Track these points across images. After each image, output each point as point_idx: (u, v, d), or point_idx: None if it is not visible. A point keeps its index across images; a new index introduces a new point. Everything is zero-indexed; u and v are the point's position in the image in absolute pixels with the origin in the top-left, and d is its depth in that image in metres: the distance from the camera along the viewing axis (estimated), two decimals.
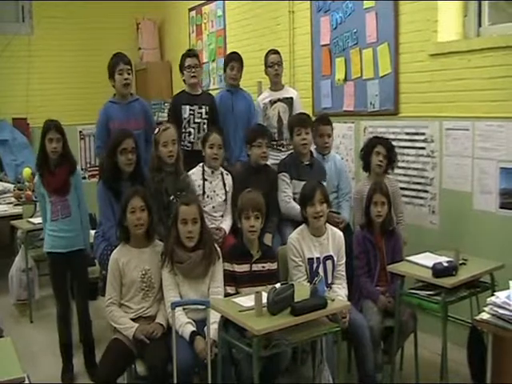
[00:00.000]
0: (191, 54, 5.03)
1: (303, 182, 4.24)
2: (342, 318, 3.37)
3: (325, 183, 4.29)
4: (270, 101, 5.14)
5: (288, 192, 4.38)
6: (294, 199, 4.35)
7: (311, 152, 4.51)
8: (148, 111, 4.80)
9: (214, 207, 4.27)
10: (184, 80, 4.97)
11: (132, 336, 3.33)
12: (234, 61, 5.08)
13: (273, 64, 5.10)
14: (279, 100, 5.13)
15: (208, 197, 4.26)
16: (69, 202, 4.16)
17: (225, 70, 5.16)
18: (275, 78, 5.16)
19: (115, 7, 8.75)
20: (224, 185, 4.34)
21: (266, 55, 5.18)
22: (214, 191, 4.30)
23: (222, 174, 4.38)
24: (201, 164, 4.35)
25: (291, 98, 5.16)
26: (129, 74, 4.63)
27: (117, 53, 4.72)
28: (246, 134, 4.60)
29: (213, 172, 4.33)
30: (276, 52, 5.17)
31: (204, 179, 4.29)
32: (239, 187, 4.21)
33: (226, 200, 4.33)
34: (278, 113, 5.09)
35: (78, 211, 4.22)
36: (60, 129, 4.11)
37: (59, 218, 4.14)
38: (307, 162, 4.44)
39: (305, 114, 4.79)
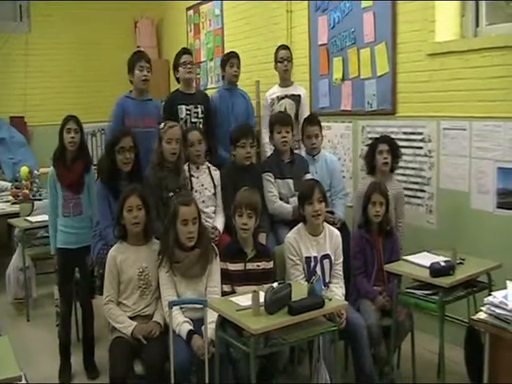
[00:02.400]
0: (186, 51, 5.07)
1: (287, 180, 4.35)
2: (339, 318, 3.38)
3: (308, 175, 4.35)
4: (278, 96, 5.17)
5: (274, 192, 4.39)
6: (281, 198, 4.38)
7: (291, 149, 4.54)
8: (160, 113, 4.79)
9: (203, 201, 4.25)
10: (177, 78, 4.97)
11: (130, 334, 3.34)
12: (233, 58, 5.11)
13: (282, 59, 5.14)
14: (287, 96, 5.15)
15: (196, 191, 4.27)
16: (81, 200, 4.17)
17: (223, 69, 5.15)
18: (284, 74, 5.20)
19: (113, 6, 8.74)
20: (212, 179, 4.36)
21: (276, 51, 5.24)
22: (202, 185, 4.31)
23: (208, 168, 4.40)
24: (186, 163, 4.35)
25: (299, 96, 5.18)
26: (148, 71, 4.64)
27: (138, 50, 4.75)
28: (231, 134, 4.56)
29: (198, 167, 4.35)
30: (286, 47, 5.23)
31: (191, 176, 4.31)
32: (226, 187, 4.27)
33: (215, 194, 4.34)
34: (285, 109, 5.10)
35: (89, 210, 4.22)
36: (78, 122, 4.13)
37: (71, 215, 4.15)
38: (288, 160, 4.47)
39: (284, 112, 4.83)
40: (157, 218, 3.84)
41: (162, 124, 4.18)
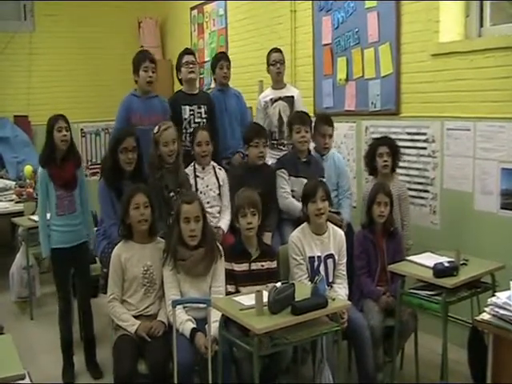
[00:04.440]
0: (189, 51, 5.05)
1: (301, 179, 4.32)
2: (341, 318, 3.37)
3: (324, 180, 4.30)
4: (271, 99, 5.14)
5: (286, 188, 4.40)
6: (293, 196, 4.38)
7: (309, 150, 4.53)
8: (167, 109, 4.77)
9: (208, 202, 4.26)
10: (180, 79, 4.97)
11: (134, 332, 3.35)
12: (222, 60, 5.10)
13: (275, 62, 5.11)
14: (280, 99, 5.13)
15: (201, 193, 4.27)
16: (75, 197, 4.17)
17: (214, 71, 5.15)
18: (277, 77, 5.17)
19: (117, 5, 8.76)
20: (217, 179, 4.36)
21: (269, 53, 5.19)
22: (207, 186, 4.33)
23: (213, 168, 4.40)
24: (192, 163, 4.37)
25: (292, 97, 5.15)
26: (153, 72, 4.63)
27: (142, 50, 4.72)
28: (244, 133, 4.61)
29: (204, 168, 4.36)
30: (278, 50, 5.18)
31: (196, 176, 4.32)
32: (238, 187, 4.23)
33: (220, 194, 4.34)
34: (279, 111, 5.09)
35: (82, 206, 4.23)
36: (67, 120, 4.13)
37: (66, 213, 4.14)
38: (304, 159, 4.47)
39: (305, 112, 4.80)
40: (159, 218, 3.84)
41: (156, 128, 4.16)
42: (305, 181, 4.33)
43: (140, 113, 4.57)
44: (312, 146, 4.63)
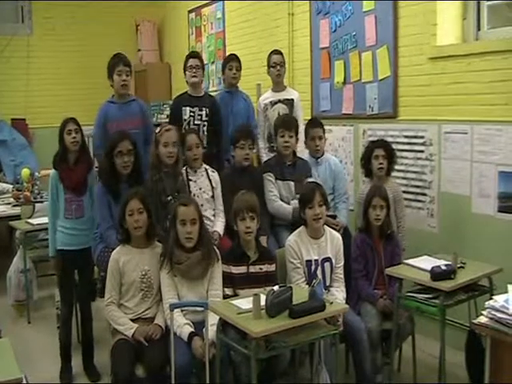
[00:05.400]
0: (193, 54, 5.10)
1: (287, 182, 4.39)
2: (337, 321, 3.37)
3: (311, 179, 4.34)
4: (271, 102, 5.16)
5: (274, 191, 4.42)
6: (281, 200, 4.41)
7: (294, 152, 4.55)
8: (145, 111, 4.80)
9: (202, 205, 4.24)
10: (187, 81, 5.00)
11: (131, 336, 3.34)
12: (232, 61, 5.13)
13: (275, 64, 5.12)
14: (280, 101, 5.14)
15: (194, 195, 4.26)
16: (83, 203, 4.16)
17: (223, 72, 5.18)
18: (277, 79, 5.18)
19: (115, 8, 8.77)
20: (210, 181, 4.36)
21: (269, 56, 5.20)
22: (200, 188, 4.32)
23: (206, 170, 4.40)
24: (184, 167, 4.37)
25: (292, 100, 5.17)
26: (127, 75, 4.63)
27: (117, 53, 4.71)
28: (232, 135, 4.62)
29: (196, 171, 4.36)
30: (279, 52, 5.20)
31: (188, 180, 4.31)
32: (226, 188, 4.29)
33: (213, 196, 4.34)
34: (278, 114, 5.09)
35: (91, 211, 4.21)
36: (77, 123, 4.12)
37: (73, 217, 4.14)
38: (289, 163, 4.49)
39: (292, 117, 4.84)
40: (156, 221, 3.83)
41: (159, 128, 4.18)
42: (292, 183, 4.38)
43: (117, 120, 4.57)
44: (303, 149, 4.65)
